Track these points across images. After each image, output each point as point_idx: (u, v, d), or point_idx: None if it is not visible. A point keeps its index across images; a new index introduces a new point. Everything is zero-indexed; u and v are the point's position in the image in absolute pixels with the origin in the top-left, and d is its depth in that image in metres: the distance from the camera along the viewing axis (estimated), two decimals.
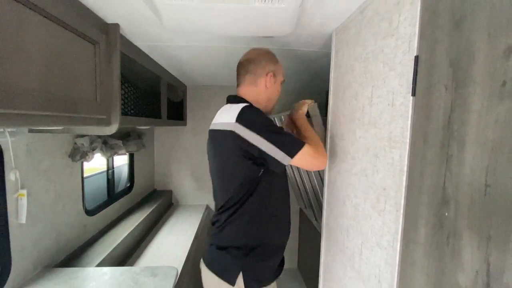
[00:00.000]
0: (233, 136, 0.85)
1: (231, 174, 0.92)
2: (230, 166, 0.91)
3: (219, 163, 0.96)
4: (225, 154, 0.91)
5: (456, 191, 0.47)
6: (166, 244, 1.75)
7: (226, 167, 0.93)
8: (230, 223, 0.93)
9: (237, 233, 0.92)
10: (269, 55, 1.02)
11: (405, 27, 0.63)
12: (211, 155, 1.01)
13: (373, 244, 0.75)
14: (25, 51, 0.62)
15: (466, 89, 0.46)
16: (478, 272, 0.43)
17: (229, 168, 0.92)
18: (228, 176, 0.93)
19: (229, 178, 0.92)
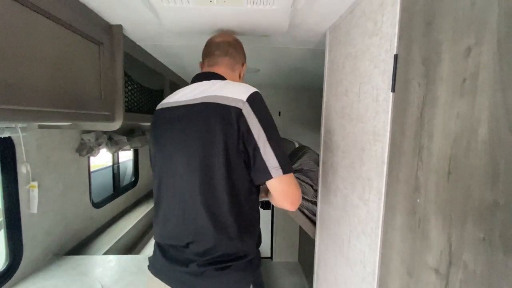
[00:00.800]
0: (237, 114, 0.70)
1: (218, 160, 0.72)
2: (216, 149, 0.72)
3: (205, 149, 0.73)
4: (217, 137, 0.71)
5: (426, 179, 0.52)
6: None
7: (215, 157, 0.72)
8: (220, 226, 0.75)
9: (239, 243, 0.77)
10: (242, 46, 0.95)
11: (387, 27, 0.67)
12: (181, 137, 0.76)
13: (359, 232, 0.80)
14: (34, 53, 0.67)
15: (434, 85, 0.50)
16: (442, 252, 0.47)
17: (215, 151, 0.72)
18: (213, 160, 0.72)
19: (212, 164, 0.72)
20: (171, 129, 0.79)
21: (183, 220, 0.77)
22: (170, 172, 0.79)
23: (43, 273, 1.07)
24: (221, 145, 0.71)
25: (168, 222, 0.80)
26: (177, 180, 0.77)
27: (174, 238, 0.79)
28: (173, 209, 0.79)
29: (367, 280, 0.74)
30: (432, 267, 0.49)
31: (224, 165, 0.72)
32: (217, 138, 0.71)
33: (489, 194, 0.39)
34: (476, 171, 0.41)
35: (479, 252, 0.40)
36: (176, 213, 0.78)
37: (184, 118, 0.77)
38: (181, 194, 0.77)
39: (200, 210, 0.74)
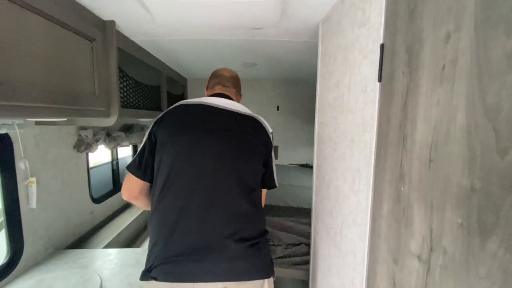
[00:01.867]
0: (267, 140, 0.92)
1: (252, 166, 0.89)
2: (255, 161, 0.89)
3: (240, 148, 0.87)
4: (253, 145, 0.89)
5: (409, 167, 0.52)
6: None
7: (249, 157, 0.88)
8: (248, 218, 0.86)
9: (258, 222, 0.89)
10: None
11: (375, 16, 0.66)
12: (219, 133, 0.86)
13: (350, 222, 0.81)
14: (26, 49, 0.68)
15: (417, 73, 0.50)
16: (424, 238, 0.48)
17: (252, 160, 0.89)
18: (248, 165, 0.88)
19: (248, 168, 0.88)
20: (203, 123, 0.88)
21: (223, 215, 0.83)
22: (195, 169, 0.83)
23: (43, 266, 1.10)
24: (256, 150, 0.91)
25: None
26: (206, 177, 0.83)
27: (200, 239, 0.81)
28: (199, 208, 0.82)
29: (357, 269, 0.75)
30: (415, 254, 0.50)
31: (256, 167, 0.91)
32: (255, 144, 0.89)
33: (466, 180, 0.39)
34: (455, 158, 0.41)
35: (457, 237, 0.41)
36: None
37: (223, 120, 0.89)
38: (211, 193, 0.82)
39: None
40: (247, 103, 2.91)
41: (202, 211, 0.81)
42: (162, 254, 0.80)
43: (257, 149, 0.90)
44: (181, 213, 0.81)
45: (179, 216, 0.81)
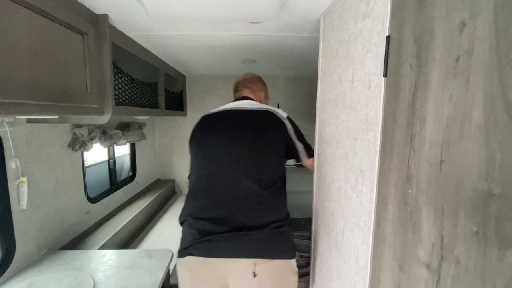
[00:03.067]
0: (282, 126, 1.06)
1: (273, 155, 1.02)
2: (276, 149, 1.03)
3: (261, 142, 1.01)
4: (272, 136, 1.03)
5: (418, 169, 0.48)
6: (167, 230, 1.82)
7: (271, 148, 1.02)
8: (274, 200, 0.98)
9: (281, 208, 1.00)
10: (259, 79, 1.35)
11: (380, 7, 0.62)
12: (243, 131, 1.02)
13: (352, 224, 0.77)
14: (12, 43, 0.64)
15: (427, 67, 0.46)
16: (434, 245, 0.44)
17: (274, 149, 1.03)
18: (270, 156, 1.01)
19: (270, 158, 1.01)
20: (230, 128, 1.05)
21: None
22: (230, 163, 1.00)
23: (36, 268, 1.07)
24: (274, 151, 1.05)
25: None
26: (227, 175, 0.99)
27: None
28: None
29: (360, 274, 0.72)
30: (424, 262, 0.46)
31: (274, 159, 1.05)
32: (271, 138, 1.04)
33: (483, 184, 0.35)
34: (469, 159, 0.37)
35: (472, 247, 0.37)
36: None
37: (244, 120, 1.06)
38: (234, 187, 0.97)
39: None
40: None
41: (230, 201, 0.96)
42: (197, 234, 0.93)
43: (274, 142, 1.03)
44: (211, 204, 0.97)
45: (211, 206, 0.97)
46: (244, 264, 0.88)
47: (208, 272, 0.91)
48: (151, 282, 0.97)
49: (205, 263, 0.90)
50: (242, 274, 0.89)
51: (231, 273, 0.90)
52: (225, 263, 0.89)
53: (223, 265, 0.90)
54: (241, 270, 0.89)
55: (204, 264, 0.90)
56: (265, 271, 0.89)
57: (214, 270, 0.91)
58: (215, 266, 0.90)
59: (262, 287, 0.89)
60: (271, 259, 0.90)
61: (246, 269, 0.88)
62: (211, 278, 0.91)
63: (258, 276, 0.88)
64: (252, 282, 0.88)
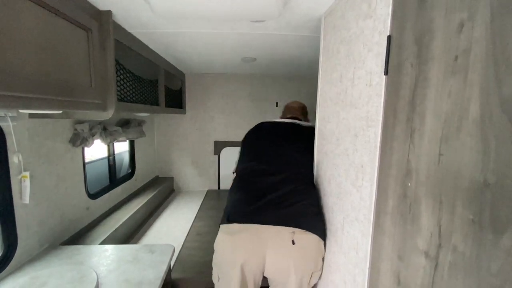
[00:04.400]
0: (307, 134, 1.31)
1: (304, 155, 1.24)
2: (305, 151, 1.25)
3: (305, 146, 1.26)
4: (311, 143, 1.24)
5: (417, 162, 0.51)
6: (166, 226, 1.83)
7: (302, 150, 1.25)
8: (306, 187, 1.13)
9: (315, 196, 1.13)
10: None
11: (381, 7, 0.65)
12: (292, 139, 1.29)
13: (352, 218, 0.79)
14: (19, 38, 0.65)
15: (426, 65, 0.48)
16: (432, 234, 0.47)
17: (303, 151, 1.25)
18: (302, 155, 1.24)
19: (303, 157, 1.24)
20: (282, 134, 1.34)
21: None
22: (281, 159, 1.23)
23: (38, 262, 1.07)
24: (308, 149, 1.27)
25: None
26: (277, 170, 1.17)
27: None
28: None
29: (359, 266, 0.74)
30: (422, 250, 0.49)
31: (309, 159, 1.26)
32: (307, 144, 1.27)
33: (480, 175, 0.38)
34: (467, 151, 0.40)
35: (468, 234, 0.39)
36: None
37: (292, 130, 1.36)
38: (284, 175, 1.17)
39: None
40: (246, 99, 2.87)
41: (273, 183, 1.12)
42: (243, 202, 1.07)
43: (309, 147, 1.24)
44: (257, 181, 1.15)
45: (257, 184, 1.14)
46: (284, 231, 0.97)
47: (249, 237, 0.99)
48: (153, 276, 0.99)
49: (248, 229, 0.99)
50: (281, 241, 0.97)
51: (270, 239, 0.97)
52: (267, 229, 0.98)
53: (265, 231, 0.98)
54: (281, 237, 0.97)
55: (248, 230, 0.99)
56: (303, 241, 0.98)
57: (255, 235, 0.98)
58: (257, 231, 0.98)
59: (298, 254, 0.98)
60: (308, 232, 0.99)
61: (285, 236, 0.97)
62: (251, 243, 0.99)
63: (296, 244, 0.96)
64: (290, 249, 0.96)
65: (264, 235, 0.98)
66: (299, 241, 0.97)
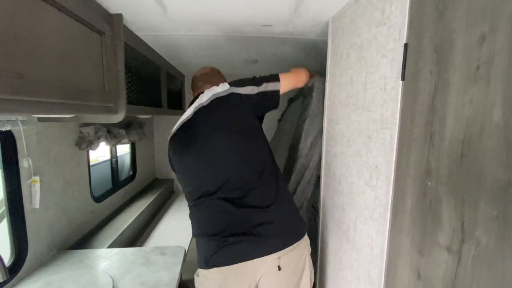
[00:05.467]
0: (235, 96, 0.96)
1: (253, 136, 0.97)
2: (250, 127, 0.96)
3: (238, 131, 0.94)
4: (241, 116, 0.96)
5: (438, 163, 0.54)
6: (170, 228, 1.83)
7: (247, 130, 0.96)
8: (278, 191, 0.95)
9: (288, 193, 1.02)
10: (218, 72, 1.25)
11: (396, 16, 0.68)
12: (213, 133, 0.94)
13: (366, 217, 0.83)
14: (42, 42, 0.65)
15: (447, 72, 0.52)
16: (454, 230, 0.50)
17: (250, 131, 0.96)
18: (252, 140, 0.96)
19: (254, 142, 0.97)
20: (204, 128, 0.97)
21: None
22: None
23: (49, 267, 1.06)
24: (251, 132, 1.00)
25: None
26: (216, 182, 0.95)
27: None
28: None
29: (374, 262, 0.78)
30: (444, 245, 0.52)
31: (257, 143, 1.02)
32: (246, 125, 0.99)
33: (503, 175, 0.41)
34: (490, 153, 0.43)
35: (492, 229, 0.43)
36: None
37: (212, 114, 0.97)
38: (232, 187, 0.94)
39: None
40: None
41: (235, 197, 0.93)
42: (215, 242, 0.90)
43: (242, 127, 0.96)
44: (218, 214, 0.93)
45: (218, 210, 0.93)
46: (268, 260, 0.89)
47: (233, 279, 0.90)
48: (168, 277, 1.00)
49: (231, 270, 0.89)
50: (267, 271, 0.90)
51: (257, 272, 0.89)
52: (252, 264, 0.89)
53: (249, 266, 0.89)
54: (267, 267, 0.90)
55: (231, 271, 0.89)
56: (289, 261, 0.92)
57: (240, 275, 0.90)
58: (242, 270, 0.89)
59: (285, 276, 0.92)
60: (293, 245, 0.92)
61: (271, 265, 0.90)
62: (241, 282, 0.90)
63: (282, 268, 0.90)
64: (278, 275, 0.90)
65: (248, 271, 0.89)
66: (285, 264, 0.91)
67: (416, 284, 0.60)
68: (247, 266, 0.88)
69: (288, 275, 0.93)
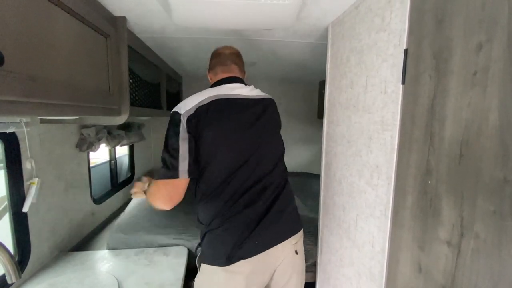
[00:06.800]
0: (274, 106, 1.07)
1: (279, 138, 1.05)
2: (276, 133, 1.05)
3: (267, 128, 1.00)
4: (271, 120, 1.03)
5: (438, 162, 0.58)
6: None
7: (274, 133, 1.03)
8: (286, 182, 1.01)
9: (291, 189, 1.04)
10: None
11: (396, 23, 0.72)
12: (246, 120, 0.94)
13: (367, 215, 0.86)
14: (53, 46, 0.66)
15: (446, 77, 0.56)
16: (454, 225, 0.54)
17: (275, 135, 1.04)
18: (275, 142, 1.03)
19: (278, 142, 1.04)
20: (242, 114, 0.95)
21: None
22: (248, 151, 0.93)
23: (52, 269, 1.06)
24: (277, 134, 1.06)
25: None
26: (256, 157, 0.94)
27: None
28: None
29: (376, 258, 0.81)
30: (444, 240, 0.56)
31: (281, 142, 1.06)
32: (276, 128, 1.06)
33: (499, 173, 0.45)
34: (487, 153, 0.47)
35: (490, 223, 0.46)
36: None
37: (251, 109, 0.97)
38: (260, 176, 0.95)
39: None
40: None
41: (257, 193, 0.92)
42: (240, 233, 0.87)
43: (277, 132, 1.06)
44: (242, 196, 0.90)
45: (244, 200, 0.90)
46: (287, 245, 0.93)
47: (259, 268, 0.89)
48: (174, 278, 1.01)
49: (257, 260, 0.87)
50: (287, 256, 0.94)
51: (278, 260, 0.92)
52: (274, 251, 0.90)
53: (272, 253, 0.90)
54: (286, 252, 0.93)
55: (257, 261, 0.87)
56: (300, 245, 0.99)
57: (264, 263, 0.90)
58: (265, 258, 0.89)
59: (300, 260, 0.99)
60: (300, 231, 1.00)
61: (290, 249, 0.94)
62: (262, 274, 0.91)
63: (299, 253, 0.97)
64: (294, 259, 0.96)
65: (272, 258, 0.90)
66: (299, 248, 0.98)
67: (418, 277, 0.63)
68: (270, 253, 0.90)
69: (302, 258, 1.01)
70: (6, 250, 0.61)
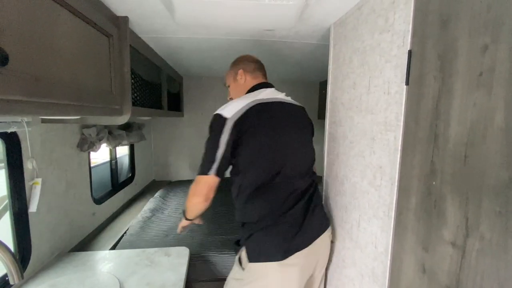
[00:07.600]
0: (307, 116, 1.15)
1: (311, 145, 1.12)
2: (310, 139, 1.13)
3: (304, 133, 1.09)
4: (308, 126, 1.12)
5: (442, 163, 0.58)
6: None
7: (309, 139, 1.13)
8: (316, 182, 1.10)
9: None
10: None
11: (400, 24, 0.72)
12: (290, 124, 1.02)
13: (370, 216, 0.86)
14: (57, 45, 0.66)
15: (450, 78, 0.56)
16: (459, 227, 0.54)
17: (310, 140, 1.13)
18: (310, 146, 1.11)
19: (311, 148, 1.12)
20: (278, 120, 1.00)
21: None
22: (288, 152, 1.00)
23: (52, 270, 1.05)
24: (310, 141, 1.14)
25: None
26: (294, 158, 1.01)
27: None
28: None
29: (379, 259, 0.81)
30: (449, 241, 0.55)
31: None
32: (309, 135, 1.14)
33: (505, 173, 0.45)
34: (492, 154, 0.47)
35: (495, 224, 0.46)
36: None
37: (285, 114, 1.04)
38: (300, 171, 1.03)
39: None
40: None
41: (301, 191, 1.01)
42: (292, 225, 0.95)
43: (310, 140, 1.14)
44: (290, 194, 0.97)
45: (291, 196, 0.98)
46: (326, 235, 1.03)
47: (313, 256, 0.99)
48: (175, 278, 1.00)
49: (309, 250, 0.95)
50: (326, 245, 1.05)
51: (321, 249, 1.03)
52: (319, 241, 0.99)
53: (318, 243, 0.99)
54: (326, 242, 1.04)
55: (308, 252, 0.95)
56: (331, 236, 1.09)
57: (314, 253, 0.98)
58: (313, 248, 0.97)
59: (332, 249, 1.11)
60: (330, 224, 1.09)
61: (328, 240, 1.05)
62: (311, 262, 1.00)
63: (332, 242, 1.08)
64: (328, 250, 1.08)
65: (318, 248, 1.00)
66: (332, 237, 1.10)
67: (421, 278, 0.63)
68: (317, 244, 0.98)
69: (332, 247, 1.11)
70: (8, 251, 0.61)
